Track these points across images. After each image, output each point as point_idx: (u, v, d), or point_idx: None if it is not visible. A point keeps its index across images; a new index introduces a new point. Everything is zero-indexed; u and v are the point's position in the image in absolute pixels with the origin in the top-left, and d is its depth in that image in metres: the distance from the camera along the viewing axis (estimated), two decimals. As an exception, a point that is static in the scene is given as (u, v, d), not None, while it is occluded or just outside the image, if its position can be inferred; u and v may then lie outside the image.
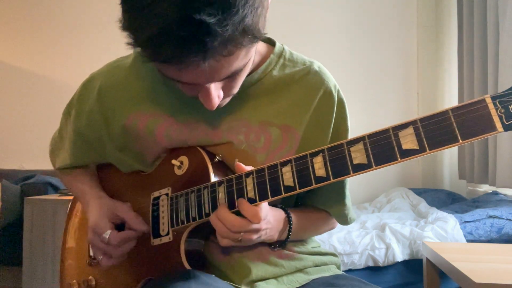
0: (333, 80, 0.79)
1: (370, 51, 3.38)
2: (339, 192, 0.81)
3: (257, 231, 0.66)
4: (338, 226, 0.87)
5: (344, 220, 0.84)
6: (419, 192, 2.85)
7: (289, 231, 0.75)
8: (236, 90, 0.65)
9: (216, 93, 0.60)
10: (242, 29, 0.51)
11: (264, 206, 0.65)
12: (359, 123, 0.80)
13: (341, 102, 0.78)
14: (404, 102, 3.39)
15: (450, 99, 3.14)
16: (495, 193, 2.43)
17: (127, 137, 0.78)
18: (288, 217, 0.75)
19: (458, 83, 2.86)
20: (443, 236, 1.95)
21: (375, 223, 2.20)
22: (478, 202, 2.41)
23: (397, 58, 3.39)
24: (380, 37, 3.39)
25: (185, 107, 0.75)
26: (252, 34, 0.53)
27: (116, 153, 0.81)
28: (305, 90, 0.76)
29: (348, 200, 0.83)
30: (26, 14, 3.62)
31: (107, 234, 0.74)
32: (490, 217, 2.01)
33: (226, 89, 0.62)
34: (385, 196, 2.91)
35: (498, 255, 1.41)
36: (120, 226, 0.79)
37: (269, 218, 0.69)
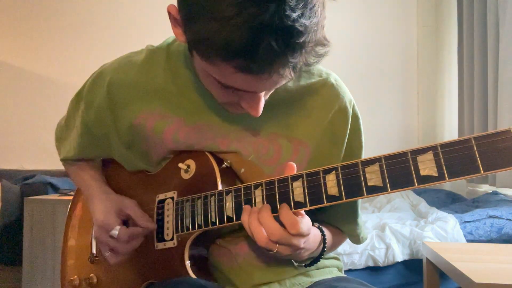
0: (349, 95, 0.77)
1: (370, 51, 3.38)
2: (352, 211, 0.80)
3: (295, 248, 0.62)
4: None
5: (356, 239, 0.83)
6: (419, 192, 2.85)
7: (322, 253, 0.73)
8: (267, 97, 0.65)
9: (263, 101, 0.61)
10: (319, 38, 0.53)
11: (307, 221, 0.62)
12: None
13: (355, 118, 0.76)
14: (404, 102, 3.39)
15: (450, 99, 3.14)
16: (495, 193, 2.43)
17: (134, 136, 0.77)
18: (324, 239, 0.72)
19: (458, 83, 2.86)
20: (443, 236, 1.95)
21: (375, 223, 2.20)
22: (478, 202, 2.41)
23: (397, 58, 3.40)
24: (380, 37, 3.39)
25: (195, 111, 0.74)
26: (323, 43, 0.54)
27: (122, 150, 0.80)
28: (320, 104, 0.74)
29: (361, 219, 0.81)
30: (27, 14, 3.62)
31: (117, 230, 0.74)
32: (490, 217, 2.01)
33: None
34: (385, 196, 2.91)
35: (498, 255, 1.41)
36: (125, 222, 0.79)
37: (310, 238, 0.66)
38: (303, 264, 0.75)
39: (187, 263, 0.70)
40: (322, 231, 0.72)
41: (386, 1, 3.41)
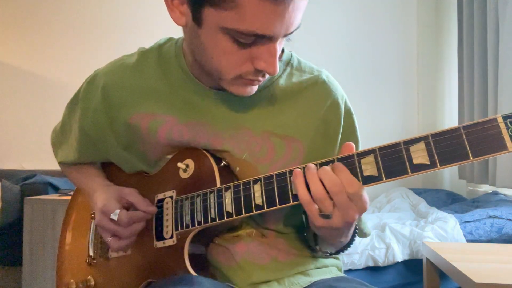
0: (340, 91, 0.78)
1: (370, 51, 3.38)
2: None
3: (348, 215, 0.59)
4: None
5: (360, 233, 0.83)
6: (419, 192, 2.85)
7: (351, 241, 0.74)
8: (279, 51, 0.65)
9: (278, 54, 0.62)
10: None
11: (366, 195, 0.60)
12: (359, 124, 0.79)
13: (348, 113, 0.77)
14: (404, 102, 3.39)
15: (450, 99, 3.14)
16: (495, 193, 2.43)
17: (130, 137, 0.78)
18: (355, 231, 0.73)
19: (458, 83, 2.86)
20: (443, 236, 1.95)
21: (375, 223, 2.20)
22: (478, 202, 2.41)
23: (397, 58, 3.39)
24: (380, 37, 3.39)
25: (187, 109, 0.75)
26: None
27: (120, 152, 0.81)
28: (312, 100, 0.75)
29: (364, 215, 0.81)
30: (26, 14, 3.62)
31: (116, 213, 0.74)
32: (490, 217, 2.01)
33: None
34: (385, 196, 2.91)
35: (498, 255, 1.41)
36: (127, 210, 0.79)
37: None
38: (329, 253, 0.76)
39: (187, 259, 0.70)
40: None
41: (386, 1, 3.41)
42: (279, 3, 0.55)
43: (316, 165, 0.61)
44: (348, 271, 1.92)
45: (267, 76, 0.67)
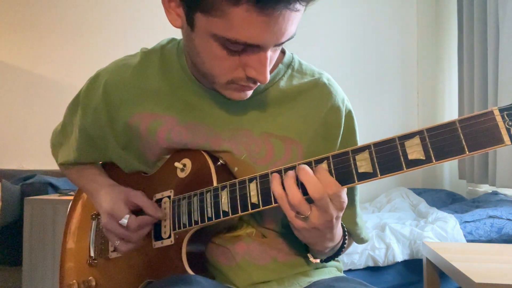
0: (341, 94, 0.77)
1: (370, 51, 3.38)
2: (350, 211, 0.79)
3: (327, 216, 0.59)
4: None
5: (357, 239, 0.83)
6: (419, 192, 2.85)
7: (341, 248, 0.74)
8: (271, 65, 0.64)
9: (269, 63, 0.61)
10: None
11: (345, 195, 0.60)
12: (359, 124, 0.79)
13: (349, 116, 0.77)
14: (404, 102, 3.39)
15: (450, 99, 3.14)
16: (495, 193, 2.43)
17: (129, 136, 0.78)
18: (344, 236, 0.73)
19: (458, 83, 2.86)
20: (443, 236, 1.95)
21: (375, 223, 2.20)
22: (478, 202, 2.41)
23: (397, 58, 3.40)
24: (380, 37, 3.39)
25: (188, 110, 0.75)
26: None
27: (119, 151, 0.81)
28: (312, 103, 0.75)
29: (360, 219, 0.81)
30: (27, 14, 3.62)
31: (126, 218, 0.73)
32: (490, 217, 2.01)
33: None
34: (385, 196, 2.91)
35: (498, 255, 1.41)
36: (133, 212, 0.79)
37: (339, 224, 0.65)
38: (319, 260, 0.75)
39: (185, 259, 0.71)
40: (343, 226, 0.73)
41: (386, 1, 3.41)
42: (266, 14, 0.54)
43: (311, 163, 0.61)
44: (348, 271, 1.93)
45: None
